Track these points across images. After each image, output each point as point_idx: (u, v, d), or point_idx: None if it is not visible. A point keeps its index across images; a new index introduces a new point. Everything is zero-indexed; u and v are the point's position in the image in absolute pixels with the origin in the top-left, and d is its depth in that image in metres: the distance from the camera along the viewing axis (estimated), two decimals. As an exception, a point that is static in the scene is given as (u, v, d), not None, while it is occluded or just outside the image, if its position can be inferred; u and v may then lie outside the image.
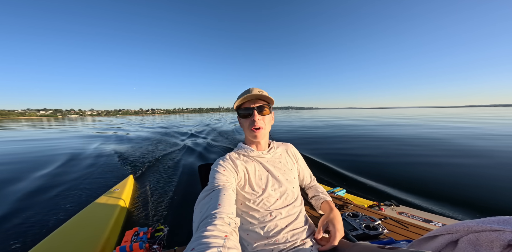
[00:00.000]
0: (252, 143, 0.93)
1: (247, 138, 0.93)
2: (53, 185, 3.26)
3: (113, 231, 1.66)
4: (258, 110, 0.84)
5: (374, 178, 3.25)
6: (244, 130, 0.90)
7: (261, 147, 0.93)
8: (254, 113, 0.83)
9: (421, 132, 8.52)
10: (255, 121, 0.83)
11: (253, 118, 0.83)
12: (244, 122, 0.87)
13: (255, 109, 0.84)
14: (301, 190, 1.02)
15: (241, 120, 0.89)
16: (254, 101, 0.85)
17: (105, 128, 15.96)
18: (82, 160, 4.99)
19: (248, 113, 0.85)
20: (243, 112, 0.86)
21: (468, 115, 21.61)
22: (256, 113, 0.83)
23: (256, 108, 0.84)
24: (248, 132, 0.87)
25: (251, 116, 0.84)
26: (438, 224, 1.38)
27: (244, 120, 0.87)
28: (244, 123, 0.87)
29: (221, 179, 0.74)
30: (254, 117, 0.83)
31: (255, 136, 0.85)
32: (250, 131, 0.85)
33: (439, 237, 0.70)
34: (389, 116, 23.36)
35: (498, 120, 14.26)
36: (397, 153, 4.92)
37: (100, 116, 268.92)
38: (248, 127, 0.85)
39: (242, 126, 0.90)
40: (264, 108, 0.85)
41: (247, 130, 0.87)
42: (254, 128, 0.84)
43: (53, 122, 32.19)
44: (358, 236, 1.11)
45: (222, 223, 0.52)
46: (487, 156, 4.39)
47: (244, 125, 0.88)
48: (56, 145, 7.46)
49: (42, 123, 28.37)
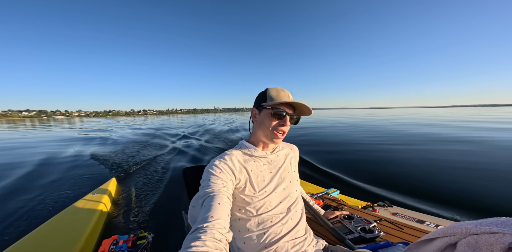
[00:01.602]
0: (259, 142, 0.85)
1: (259, 136, 0.84)
2: (25, 189, 3.04)
3: (89, 240, 1.52)
4: (290, 117, 0.80)
5: (367, 178, 3.28)
6: (261, 128, 0.81)
7: (268, 147, 0.87)
8: (287, 119, 0.78)
9: (412, 131, 8.79)
10: (284, 126, 0.78)
11: (284, 123, 0.78)
12: (269, 121, 0.78)
13: (288, 115, 0.78)
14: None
15: (267, 117, 0.79)
16: (287, 106, 0.80)
17: (89, 130, 15.37)
18: (60, 162, 4.71)
19: (282, 115, 0.78)
20: (277, 112, 0.78)
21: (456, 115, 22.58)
22: (288, 119, 0.78)
23: (289, 115, 0.79)
24: (268, 132, 0.79)
25: (283, 120, 0.78)
26: (431, 224, 1.39)
27: (270, 120, 0.78)
28: (267, 122, 0.78)
29: (217, 183, 0.66)
30: (286, 122, 0.78)
31: (274, 140, 0.80)
32: (272, 133, 0.78)
33: (436, 240, 0.67)
34: (381, 116, 24.03)
35: (485, 119, 15.02)
36: (387, 152, 5.02)
37: (89, 117, 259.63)
38: (272, 128, 0.78)
39: (262, 124, 0.80)
40: (296, 118, 0.82)
41: (267, 130, 0.79)
42: (278, 132, 0.78)
43: (37, 124, 30.66)
44: (354, 239, 1.08)
45: (212, 238, 0.48)
46: (478, 154, 4.56)
47: (266, 123, 0.79)
48: (33, 146, 7.08)
49: (25, 125, 26.95)
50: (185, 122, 24.70)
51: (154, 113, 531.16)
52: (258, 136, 0.84)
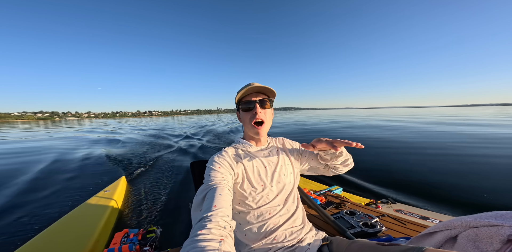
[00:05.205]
0: (252, 138, 0.90)
1: (247, 133, 0.89)
2: (42, 187, 3.20)
3: (102, 233, 1.61)
4: (260, 104, 0.81)
5: (370, 176, 3.25)
6: (244, 125, 0.86)
7: (260, 142, 0.91)
8: (256, 107, 0.80)
9: (418, 131, 8.57)
10: (256, 114, 0.79)
11: (254, 111, 0.80)
12: (245, 116, 0.83)
13: (257, 103, 0.80)
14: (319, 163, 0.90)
15: (242, 114, 0.85)
16: (256, 94, 0.82)
17: (99, 131, 15.82)
18: (73, 161, 4.91)
19: (249, 106, 0.81)
20: (245, 106, 0.82)
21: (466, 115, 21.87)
22: (258, 107, 0.80)
23: (258, 102, 0.80)
24: (250, 127, 0.83)
25: (252, 109, 0.81)
26: (435, 221, 1.38)
27: (245, 114, 0.83)
28: (245, 118, 0.83)
29: (217, 177, 0.70)
30: (256, 110, 0.79)
31: (257, 132, 0.82)
32: (252, 126, 0.81)
33: (437, 233, 0.69)
34: (385, 116, 23.53)
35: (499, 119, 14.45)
36: (392, 151, 4.94)
37: (97, 118, 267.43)
38: (249, 121, 0.81)
39: (243, 121, 0.86)
40: (266, 101, 0.82)
41: (248, 124, 0.83)
42: (255, 122, 0.81)
43: (50, 125, 31.86)
44: (356, 234, 1.10)
45: (217, 226, 0.50)
46: (481, 154, 4.42)
47: (244, 120, 0.84)
48: (48, 146, 7.38)
49: (39, 126, 28.04)
50: (189, 123, 25.02)
51: (159, 114, 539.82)
52: (247, 133, 0.89)
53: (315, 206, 1.26)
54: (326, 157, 0.83)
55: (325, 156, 0.83)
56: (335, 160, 0.83)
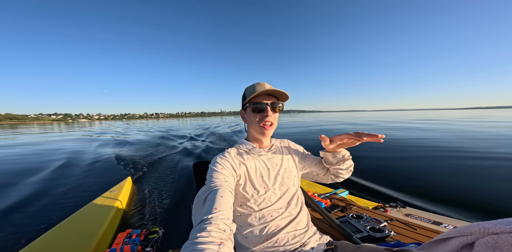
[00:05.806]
0: (256, 140, 0.88)
1: (252, 134, 0.87)
2: (50, 187, 3.30)
3: (106, 233, 1.63)
4: (271, 107, 0.80)
5: (378, 179, 3.14)
6: (250, 125, 0.85)
7: (264, 144, 0.89)
8: (267, 109, 0.79)
9: (425, 134, 8.28)
10: (267, 117, 0.79)
11: (265, 114, 0.79)
12: (253, 117, 0.81)
13: (268, 105, 0.79)
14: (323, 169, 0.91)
15: (250, 114, 0.82)
16: (267, 97, 0.81)
17: (108, 132, 16.31)
18: (80, 162, 5.06)
19: (261, 108, 0.79)
20: (256, 107, 0.80)
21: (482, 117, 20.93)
22: (269, 110, 0.79)
23: (269, 105, 0.80)
24: (257, 127, 0.81)
25: (263, 112, 0.79)
26: (449, 226, 1.30)
27: (253, 115, 0.81)
28: (253, 118, 0.81)
29: (219, 178, 0.69)
30: (267, 113, 0.79)
31: (264, 132, 0.80)
32: (260, 126, 0.80)
33: (452, 239, 0.64)
34: (394, 118, 22.90)
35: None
36: (400, 154, 4.78)
37: (107, 120, 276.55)
38: (257, 122, 0.80)
39: (249, 121, 0.84)
40: (278, 105, 0.81)
41: (255, 125, 0.81)
42: (264, 124, 0.79)
43: (63, 127, 33.13)
44: (363, 238, 1.05)
45: (216, 229, 0.49)
46: (494, 157, 4.20)
47: (252, 120, 0.82)
48: (56, 147, 7.65)
49: (53, 128, 29.24)
50: (193, 125, 25.37)
51: (165, 116, 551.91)
52: (251, 134, 0.88)
53: (319, 209, 1.22)
54: (332, 160, 0.80)
55: (332, 158, 0.80)
56: (341, 163, 0.80)
